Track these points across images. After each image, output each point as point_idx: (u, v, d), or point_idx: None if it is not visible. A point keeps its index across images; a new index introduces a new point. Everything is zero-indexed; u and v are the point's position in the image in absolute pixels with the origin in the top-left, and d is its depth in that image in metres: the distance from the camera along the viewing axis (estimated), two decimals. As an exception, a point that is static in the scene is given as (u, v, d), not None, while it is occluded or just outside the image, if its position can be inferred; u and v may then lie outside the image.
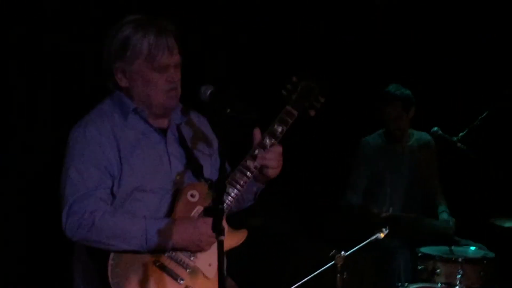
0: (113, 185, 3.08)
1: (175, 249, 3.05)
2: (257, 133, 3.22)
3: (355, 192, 5.45)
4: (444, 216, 5.34)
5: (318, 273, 4.23)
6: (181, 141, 3.25)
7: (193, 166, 3.21)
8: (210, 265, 3.11)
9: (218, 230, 2.59)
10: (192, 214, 3.12)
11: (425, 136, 5.56)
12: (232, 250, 3.18)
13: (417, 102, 5.45)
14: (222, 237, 2.60)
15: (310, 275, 4.24)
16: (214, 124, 3.36)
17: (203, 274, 3.11)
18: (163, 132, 3.23)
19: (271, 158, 3.19)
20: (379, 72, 5.92)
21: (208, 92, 3.05)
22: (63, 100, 4.76)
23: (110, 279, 2.97)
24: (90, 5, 4.82)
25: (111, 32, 3.16)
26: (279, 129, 3.22)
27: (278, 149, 3.22)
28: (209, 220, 2.84)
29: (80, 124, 3.15)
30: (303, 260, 5.06)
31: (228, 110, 2.90)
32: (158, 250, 3.04)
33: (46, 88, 4.83)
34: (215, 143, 3.36)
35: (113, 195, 3.09)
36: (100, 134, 3.09)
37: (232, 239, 3.17)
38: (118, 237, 2.98)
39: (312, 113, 3.34)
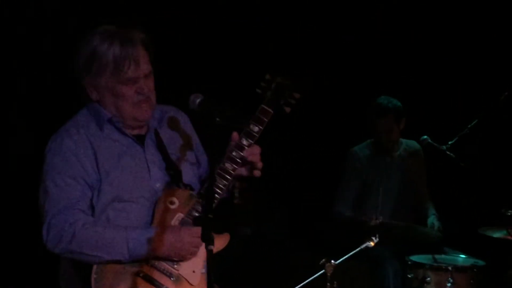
0: (92, 196, 3.07)
1: (157, 258, 3.04)
2: (235, 136, 3.16)
3: (345, 203, 5.44)
4: (431, 220, 5.34)
5: (308, 282, 4.23)
6: (160, 147, 3.22)
7: (173, 172, 3.19)
8: (193, 271, 3.10)
9: (207, 240, 2.58)
10: (173, 221, 3.10)
11: (413, 144, 5.57)
12: (223, 259, 3.17)
13: (406, 110, 5.46)
14: (211, 246, 2.59)
15: (300, 283, 4.24)
16: (204, 132, 3.34)
17: (187, 281, 3.09)
18: (140, 139, 3.21)
19: (256, 153, 3.16)
20: (368, 81, 5.93)
21: (198, 101, 3.04)
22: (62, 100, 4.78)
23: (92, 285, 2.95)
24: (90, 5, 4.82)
25: (79, 44, 3.13)
26: (255, 129, 3.16)
27: (257, 149, 3.17)
28: (192, 229, 2.88)
29: (56, 136, 3.13)
30: (293, 268, 5.05)
31: (218, 119, 2.89)
32: (141, 260, 3.02)
33: (45, 87, 4.84)
34: (195, 144, 3.34)
35: (92, 206, 3.07)
36: (76, 146, 3.08)
37: (215, 243, 3.15)
38: (99, 248, 2.97)
39: (288, 110, 3.25)
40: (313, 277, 4.21)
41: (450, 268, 4.68)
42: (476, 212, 5.44)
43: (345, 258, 4.21)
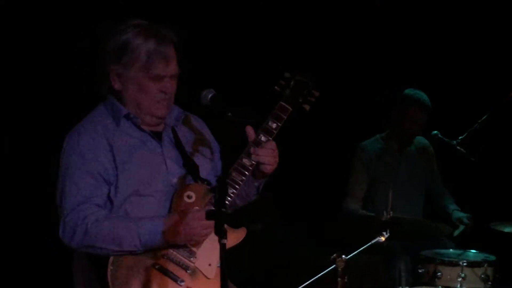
0: (109, 192, 3.09)
1: (171, 246, 3.05)
2: (250, 130, 3.18)
3: (355, 198, 5.42)
4: (458, 214, 5.32)
5: (319, 277, 4.24)
6: (177, 143, 3.23)
7: (190, 167, 3.20)
8: (209, 265, 3.11)
9: (220, 233, 2.59)
10: None
11: (422, 140, 5.56)
12: (234, 254, 3.17)
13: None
14: (224, 240, 2.60)
15: (311, 279, 4.24)
16: (216, 127, 3.36)
17: (203, 274, 3.10)
18: (157, 135, 3.23)
19: (265, 154, 3.16)
20: (378, 76, 5.92)
21: (210, 96, 3.06)
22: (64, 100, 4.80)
23: (110, 284, 2.97)
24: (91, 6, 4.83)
25: (110, 34, 3.15)
26: (273, 125, 3.19)
27: (272, 144, 3.19)
28: (200, 212, 2.89)
29: (73, 133, 3.15)
30: (304, 264, 5.06)
31: (230, 114, 2.90)
32: (154, 249, 3.03)
33: (48, 87, 4.85)
34: (212, 143, 3.36)
35: (110, 200, 3.09)
36: (94, 142, 3.09)
37: (231, 237, 3.14)
38: (111, 241, 2.98)
39: (307, 107, 3.30)
40: (324, 272, 4.22)
41: (461, 263, 4.68)
42: (487, 207, 5.43)
43: (356, 253, 4.21)
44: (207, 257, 3.10)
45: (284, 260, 5.36)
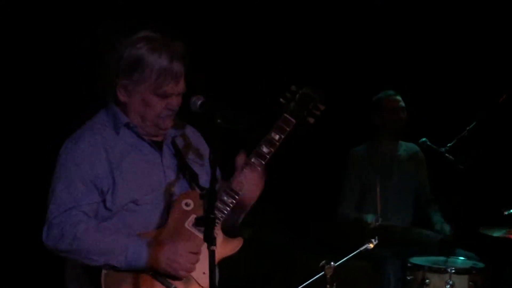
0: (104, 200, 3.08)
1: (153, 270, 3.03)
2: (240, 159, 3.21)
3: (349, 204, 5.46)
4: (438, 225, 5.35)
5: (307, 284, 4.23)
6: (177, 154, 3.24)
7: (189, 175, 3.21)
8: (204, 273, 3.09)
9: (209, 240, 2.59)
10: (187, 223, 3.11)
11: (413, 146, 5.60)
12: (224, 260, 3.18)
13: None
14: (213, 247, 2.60)
15: (299, 285, 4.24)
16: (205, 134, 3.36)
17: (197, 282, 3.10)
18: (157, 144, 3.23)
19: (247, 180, 3.18)
20: (367, 84, 5.93)
21: (199, 103, 3.06)
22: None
23: (103, 287, 2.96)
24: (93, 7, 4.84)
25: (122, 46, 3.14)
26: (276, 137, 3.22)
27: (256, 172, 3.19)
28: (190, 244, 2.92)
29: (72, 139, 3.15)
30: (293, 270, 5.06)
31: (219, 120, 2.90)
32: (137, 270, 3.02)
33: (47, 89, 4.85)
34: (208, 154, 3.34)
35: (107, 208, 3.08)
36: (90, 150, 3.09)
37: (226, 247, 3.18)
38: (98, 252, 2.98)
39: (311, 120, 3.35)
40: (313, 279, 4.21)
41: (449, 270, 4.69)
42: (475, 213, 5.45)
43: (345, 260, 4.21)
44: (202, 265, 3.08)
45: (274, 266, 5.35)
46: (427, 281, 4.69)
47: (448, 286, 4.63)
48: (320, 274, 4.13)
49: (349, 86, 5.96)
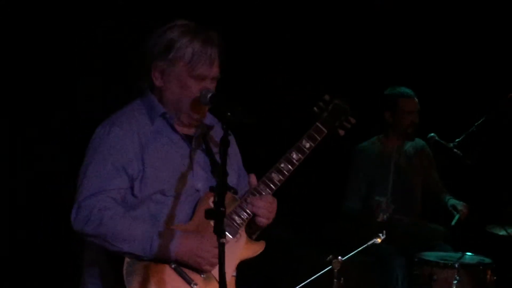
0: (132, 187, 3.06)
1: (177, 262, 3.01)
2: (253, 179, 3.20)
3: (355, 198, 5.44)
4: (452, 201, 5.33)
5: (315, 278, 4.24)
6: (207, 150, 3.21)
7: (218, 174, 3.11)
8: None
9: (219, 233, 2.59)
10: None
11: (419, 141, 5.57)
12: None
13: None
14: (223, 240, 2.60)
15: (307, 280, 4.25)
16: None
17: (216, 280, 2.99)
18: (189, 139, 3.20)
19: (262, 206, 3.16)
20: (374, 79, 5.92)
21: (209, 96, 3.06)
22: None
23: (124, 278, 2.94)
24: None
25: (156, 32, 3.15)
26: (307, 145, 3.24)
27: (270, 198, 3.19)
28: (214, 240, 2.79)
29: (106, 123, 3.13)
30: (300, 265, 5.06)
31: (229, 114, 2.89)
32: (161, 260, 3.00)
33: (52, 91, 4.87)
34: (238, 157, 3.37)
35: (134, 196, 3.07)
36: (124, 135, 3.07)
37: (249, 249, 3.17)
38: (123, 239, 2.95)
39: (342, 133, 3.36)
40: (320, 273, 4.23)
41: (456, 265, 4.69)
42: (483, 210, 5.44)
43: (352, 255, 4.21)
44: None
45: (280, 261, 5.36)
46: (434, 277, 4.69)
47: (456, 281, 4.63)
48: (328, 269, 4.14)
49: (355, 83, 5.94)
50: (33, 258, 4.84)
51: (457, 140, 5.07)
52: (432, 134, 5.22)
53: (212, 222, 2.88)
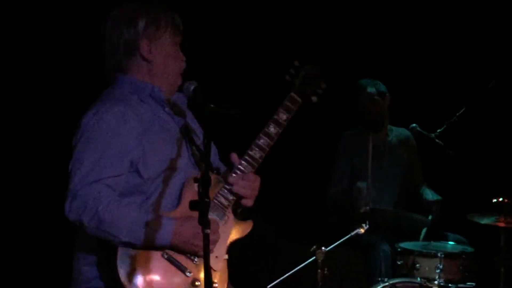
0: (138, 170, 3.05)
1: (172, 248, 3.02)
2: (234, 158, 3.21)
3: (338, 185, 5.46)
4: (429, 195, 5.37)
5: (299, 269, 4.26)
6: (190, 139, 3.24)
7: (200, 154, 3.21)
8: (216, 257, 3.11)
9: (204, 224, 2.60)
10: None
11: (404, 131, 5.59)
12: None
13: (395, 98, 5.49)
14: (208, 230, 2.61)
15: (291, 271, 4.27)
16: (198, 119, 3.36)
17: (210, 266, 3.06)
18: (177, 123, 3.24)
19: (244, 186, 3.17)
20: (356, 68, 5.93)
21: (192, 88, 3.07)
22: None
23: (118, 267, 2.95)
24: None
25: (123, 14, 3.20)
26: (283, 117, 3.22)
27: (252, 177, 3.20)
28: (213, 227, 2.83)
29: (95, 112, 3.08)
30: (284, 256, 5.08)
31: (212, 105, 2.90)
32: (155, 247, 3.00)
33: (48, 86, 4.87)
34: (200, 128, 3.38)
35: (141, 176, 3.06)
36: (117, 121, 3.04)
37: (238, 230, 3.20)
38: (118, 229, 2.94)
39: (315, 99, 3.33)
40: (304, 264, 4.25)
41: (439, 254, 4.72)
42: (465, 199, 5.48)
43: (336, 245, 4.24)
44: (215, 249, 3.10)
45: (264, 252, 5.37)
46: (417, 265, 4.72)
47: (438, 270, 4.66)
48: (312, 259, 4.16)
49: (337, 72, 5.95)
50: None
51: (438, 130, 5.09)
52: (414, 124, 5.25)
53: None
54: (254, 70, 5.65)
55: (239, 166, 3.18)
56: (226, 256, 3.18)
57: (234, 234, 3.18)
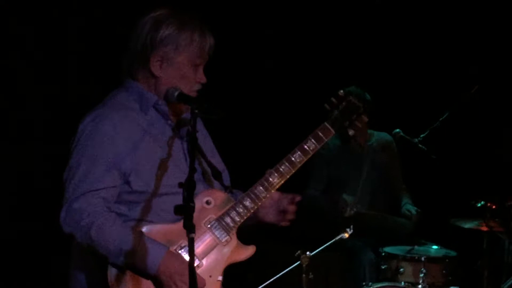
0: (129, 182, 2.98)
1: (155, 278, 2.94)
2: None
3: (316, 186, 5.47)
4: (406, 207, 5.39)
5: (284, 274, 4.27)
6: (198, 146, 3.14)
7: (212, 171, 3.15)
8: (210, 276, 3.04)
9: (188, 228, 2.59)
10: (203, 222, 3.05)
11: (385, 136, 5.61)
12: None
13: (378, 103, 5.49)
14: (192, 235, 2.59)
15: (276, 275, 4.27)
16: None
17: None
18: (179, 132, 3.15)
19: (267, 206, 3.18)
20: (340, 74, 5.95)
21: (176, 94, 3.05)
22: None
23: (108, 278, 2.92)
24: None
25: (149, 23, 3.08)
26: (312, 146, 3.15)
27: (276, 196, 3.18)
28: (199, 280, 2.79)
29: (93, 118, 3.03)
30: (269, 260, 5.08)
31: (196, 111, 2.87)
32: (139, 272, 2.93)
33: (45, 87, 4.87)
34: (209, 140, 3.32)
35: (134, 191, 3.00)
36: (114, 130, 2.99)
37: (239, 253, 3.13)
38: (107, 251, 2.90)
39: (351, 132, 3.22)
40: (289, 269, 4.25)
41: (423, 258, 4.75)
42: (448, 203, 5.51)
43: (320, 250, 4.25)
44: (210, 268, 3.05)
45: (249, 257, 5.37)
46: (401, 269, 4.76)
47: (422, 274, 4.70)
48: (296, 264, 4.17)
49: (321, 77, 5.97)
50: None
51: (421, 135, 5.12)
52: (397, 130, 5.26)
53: (203, 223, 2.95)
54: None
55: (255, 190, 3.12)
56: (220, 278, 3.09)
57: (234, 257, 3.11)
